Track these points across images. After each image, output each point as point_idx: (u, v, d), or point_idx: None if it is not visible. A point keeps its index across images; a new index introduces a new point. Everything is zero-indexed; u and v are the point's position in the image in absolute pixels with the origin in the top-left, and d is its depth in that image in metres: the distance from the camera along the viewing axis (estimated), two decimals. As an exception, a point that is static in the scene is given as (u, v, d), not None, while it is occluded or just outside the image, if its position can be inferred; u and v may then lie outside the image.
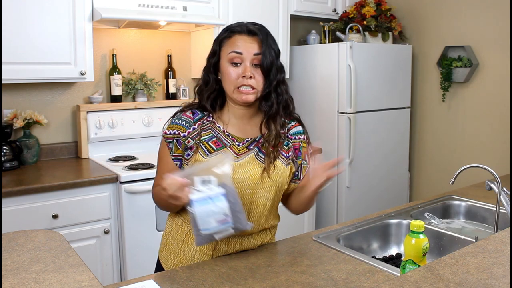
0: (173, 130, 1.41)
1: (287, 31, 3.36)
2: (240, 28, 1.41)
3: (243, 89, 1.37)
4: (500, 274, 0.92)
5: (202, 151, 1.39)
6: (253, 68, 1.37)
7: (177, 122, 1.42)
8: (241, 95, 1.37)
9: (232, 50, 1.38)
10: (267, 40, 1.39)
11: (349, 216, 3.32)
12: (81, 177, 2.39)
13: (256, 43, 1.38)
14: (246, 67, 1.37)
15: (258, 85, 1.38)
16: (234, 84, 1.37)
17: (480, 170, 1.63)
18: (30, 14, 2.38)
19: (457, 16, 3.44)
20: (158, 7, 2.74)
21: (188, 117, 1.42)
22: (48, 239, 1.31)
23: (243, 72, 1.36)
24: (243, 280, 1.25)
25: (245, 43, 1.38)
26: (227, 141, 1.42)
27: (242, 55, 1.37)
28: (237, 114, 1.45)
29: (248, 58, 1.37)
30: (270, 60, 1.38)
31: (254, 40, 1.39)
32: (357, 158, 3.35)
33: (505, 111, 3.21)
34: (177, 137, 1.41)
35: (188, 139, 1.40)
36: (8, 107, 2.65)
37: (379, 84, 3.43)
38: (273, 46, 1.40)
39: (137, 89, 3.02)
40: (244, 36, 1.39)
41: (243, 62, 1.37)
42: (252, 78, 1.37)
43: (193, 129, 1.41)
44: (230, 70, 1.38)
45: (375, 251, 1.72)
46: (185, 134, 1.40)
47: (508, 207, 1.62)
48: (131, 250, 2.44)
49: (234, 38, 1.40)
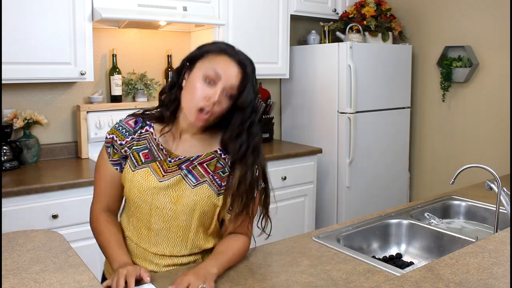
0: (111, 135, 1.37)
1: (287, 31, 3.36)
2: (231, 52, 1.31)
3: (202, 113, 1.26)
4: (500, 274, 0.92)
5: (131, 162, 1.34)
6: (221, 94, 1.27)
7: (117, 128, 1.38)
8: (195, 116, 1.27)
9: (213, 68, 1.27)
10: (253, 77, 1.31)
11: (349, 216, 3.32)
12: (81, 177, 2.39)
13: (240, 76, 1.29)
14: (217, 93, 1.25)
15: (217, 112, 1.28)
16: (196, 103, 1.26)
17: (480, 170, 1.63)
18: (30, 14, 2.38)
19: (457, 16, 3.44)
20: (158, 7, 2.74)
21: (129, 126, 1.37)
22: (48, 239, 1.31)
23: (212, 95, 1.25)
24: (243, 280, 1.25)
25: (229, 70, 1.27)
26: (159, 155, 1.34)
27: (221, 80, 1.26)
28: (183, 126, 1.35)
29: (223, 86, 1.26)
30: (250, 98, 1.28)
31: (239, 71, 1.28)
32: (357, 158, 3.35)
33: (505, 111, 3.21)
34: (114, 143, 1.36)
35: (125, 148, 1.35)
36: (8, 107, 2.65)
37: (379, 84, 3.43)
38: (255, 84, 1.32)
39: (137, 89, 3.02)
40: (232, 63, 1.28)
41: (217, 87, 1.26)
42: (216, 103, 1.26)
43: (132, 138, 1.36)
44: (199, 85, 1.27)
45: (375, 251, 1.72)
46: (122, 143, 1.35)
47: (508, 207, 1.62)
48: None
49: (221, 58, 1.29)
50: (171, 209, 1.31)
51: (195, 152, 1.36)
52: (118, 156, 1.36)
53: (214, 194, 1.32)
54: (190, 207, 1.31)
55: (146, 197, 1.31)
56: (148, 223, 1.34)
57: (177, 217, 1.32)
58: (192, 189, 1.31)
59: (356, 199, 3.41)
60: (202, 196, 1.31)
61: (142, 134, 1.37)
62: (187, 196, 1.31)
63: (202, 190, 1.31)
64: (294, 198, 3.16)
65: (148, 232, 1.35)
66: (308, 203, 3.28)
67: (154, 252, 1.35)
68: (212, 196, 1.32)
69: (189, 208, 1.31)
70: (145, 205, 1.32)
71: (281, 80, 3.77)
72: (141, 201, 1.32)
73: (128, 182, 1.33)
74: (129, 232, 1.39)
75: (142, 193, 1.31)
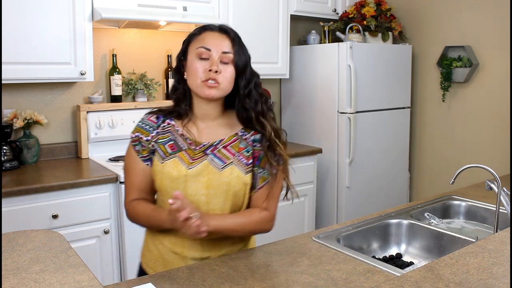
0: (136, 133, 1.42)
1: (287, 31, 3.36)
2: (211, 26, 1.39)
3: (208, 83, 1.33)
4: (500, 274, 0.92)
5: (159, 155, 1.39)
6: (221, 64, 1.34)
7: (140, 126, 1.43)
8: (204, 89, 1.33)
9: (200, 45, 1.34)
10: (239, 41, 1.38)
11: (349, 216, 3.32)
12: (81, 177, 2.39)
13: (226, 41, 1.36)
14: (214, 61, 1.33)
15: (223, 81, 1.34)
16: (200, 78, 1.33)
17: (480, 170, 1.63)
18: (30, 14, 2.38)
19: (457, 16, 3.44)
20: (158, 7, 2.74)
21: (151, 121, 1.42)
22: (48, 239, 1.31)
23: (210, 66, 1.33)
24: (243, 280, 1.25)
25: (215, 40, 1.35)
26: (183, 144, 1.40)
27: (211, 51, 1.34)
28: (200, 114, 1.42)
29: (217, 55, 1.34)
30: (244, 59, 1.36)
31: (224, 38, 1.36)
32: (357, 158, 3.35)
33: (505, 111, 3.21)
34: (140, 140, 1.41)
35: (152, 143, 1.40)
36: (8, 107, 2.65)
37: (379, 84, 3.43)
38: (244, 49, 1.38)
39: (137, 89, 3.02)
40: (215, 33, 1.36)
41: (211, 58, 1.34)
42: (219, 73, 1.33)
43: (156, 133, 1.41)
44: (196, 64, 1.34)
45: (375, 251, 1.72)
46: (148, 138, 1.41)
47: (508, 207, 1.62)
48: (131, 250, 2.44)
49: (204, 34, 1.37)
50: (203, 194, 1.36)
51: (218, 137, 1.41)
52: (147, 151, 1.41)
53: (242, 173, 1.38)
54: (222, 190, 1.36)
55: (178, 186, 1.36)
56: None
57: (210, 201, 1.37)
58: (220, 171, 1.36)
59: (356, 199, 3.41)
60: (231, 177, 1.36)
61: (165, 127, 1.42)
62: (217, 179, 1.36)
63: (230, 171, 1.37)
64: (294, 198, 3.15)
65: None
66: (308, 203, 3.28)
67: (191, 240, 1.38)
68: (240, 175, 1.38)
69: (221, 190, 1.36)
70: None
71: (281, 80, 3.77)
72: (173, 191, 1.34)
73: (159, 174, 1.38)
74: None
75: (173, 183, 1.36)
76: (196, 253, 1.40)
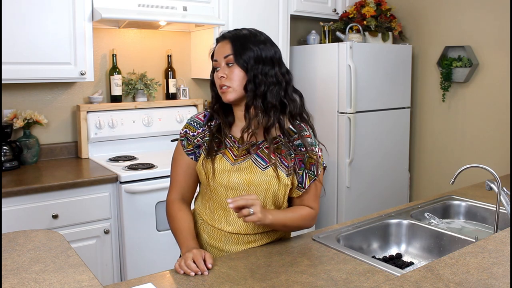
0: (185, 129, 1.55)
1: (287, 31, 3.36)
2: (220, 36, 1.50)
3: (222, 89, 1.44)
4: (500, 274, 0.92)
5: (205, 150, 1.49)
6: (227, 68, 1.43)
7: (189, 123, 1.55)
8: (223, 96, 1.45)
9: (212, 58, 1.49)
10: (240, 41, 1.43)
11: (349, 216, 3.32)
12: (81, 177, 2.39)
13: (227, 45, 1.44)
14: (220, 70, 1.45)
15: (232, 83, 1.43)
16: (218, 87, 1.46)
17: (480, 170, 1.63)
18: (30, 14, 2.38)
19: (457, 16, 3.44)
20: (158, 7, 2.74)
21: (199, 119, 1.54)
22: (48, 239, 1.32)
23: (219, 73, 1.45)
24: (243, 280, 1.25)
25: (218, 49, 1.47)
26: (228, 142, 1.49)
27: (218, 61, 1.46)
28: (239, 116, 1.50)
29: (222, 62, 1.45)
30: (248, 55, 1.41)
31: (225, 43, 1.45)
32: (357, 158, 3.35)
33: (505, 111, 3.21)
34: (187, 136, 1.53)
35: (197, 138, 1.52)
36: (8, 107, 2.65)
37: (379, 84, 3.43)
38: (249, 44, 1.42)
39: (137, 89, 3.02)
40: (220, 43, 1.48)
41: (220, 66, 1.45)
42: (226, 78, 1.43)
43: (202, 130, 1.52)
44: (214, 75, 1.49)
45: (375, 251, 1.72)
46: (194, 134, 1.52)
47: (508, 207, 1.62)
48: (131, 250, 2.44)
49: (215, 47, 1.50)
50: (244, 189, 1.44)
51: (259, 138, 1.48)
52: (192, 146, 1.52)
53: (283, 174, 1.44)
54: (262, 188, 1.44)
55: (222, 180, 1.45)
56: (223, 204, 1.47)
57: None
58: (263, 171, 1.44)
59: (356, 199, 3.41)
60: (273, 178, 1.43)
61: (211, 126, 1.53)
62: (258, 178, 1.43)
63: (272, 172, 1.43)
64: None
65: (223, 212, 1.48)
66: (308, 203, 3.27)
67: (230, 232, 1.47)
68: (282, 176, 1.44)
69: (262, 189, 1.44)
70: (220, 187, 1.46)
71: (281, 80, 3.76)
72: (217, 184, 1.46)
73: (204, 168, 1.48)
74: (206, 216, 1.53)
75: (218, 176, 1.45)
76: (232, 246, 1.48)
